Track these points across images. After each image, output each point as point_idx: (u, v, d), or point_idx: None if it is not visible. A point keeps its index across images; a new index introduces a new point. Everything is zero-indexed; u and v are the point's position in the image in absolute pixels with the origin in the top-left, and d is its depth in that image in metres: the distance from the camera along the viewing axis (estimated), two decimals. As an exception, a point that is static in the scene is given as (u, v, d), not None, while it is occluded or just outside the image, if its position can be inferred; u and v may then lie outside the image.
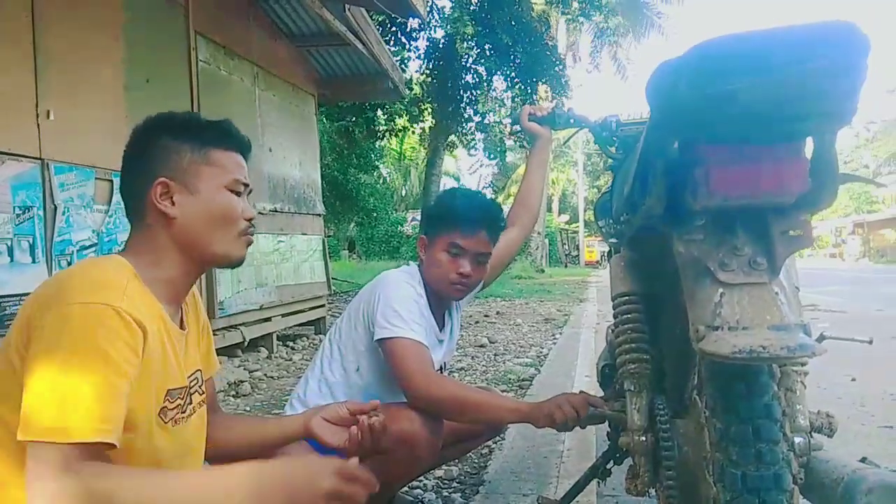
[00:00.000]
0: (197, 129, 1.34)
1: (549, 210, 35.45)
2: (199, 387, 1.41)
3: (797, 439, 1.20)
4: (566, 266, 31.15)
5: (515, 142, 14.07)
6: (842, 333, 1.47)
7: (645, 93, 1.04)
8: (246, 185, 1.38)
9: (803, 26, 0.92)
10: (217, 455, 1.47)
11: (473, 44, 11.87)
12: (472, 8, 12.13)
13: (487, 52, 12.58)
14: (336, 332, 2.09)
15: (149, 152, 1.31)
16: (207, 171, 1.31)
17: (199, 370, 1.41)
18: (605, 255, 29.12)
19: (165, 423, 1.24)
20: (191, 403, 1.35)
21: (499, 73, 12.94)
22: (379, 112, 13.53)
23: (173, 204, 1.27)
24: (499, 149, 14.13)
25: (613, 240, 1.78)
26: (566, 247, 34.97)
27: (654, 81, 1.01)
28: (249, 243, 1.38)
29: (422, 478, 2.47)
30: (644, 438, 1.43)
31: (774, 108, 0.96)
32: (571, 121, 2.22)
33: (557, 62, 13.25)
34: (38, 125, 3.36)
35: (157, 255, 1.28)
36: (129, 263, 1.23)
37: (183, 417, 1.31)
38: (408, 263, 2.21)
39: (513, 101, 13.20)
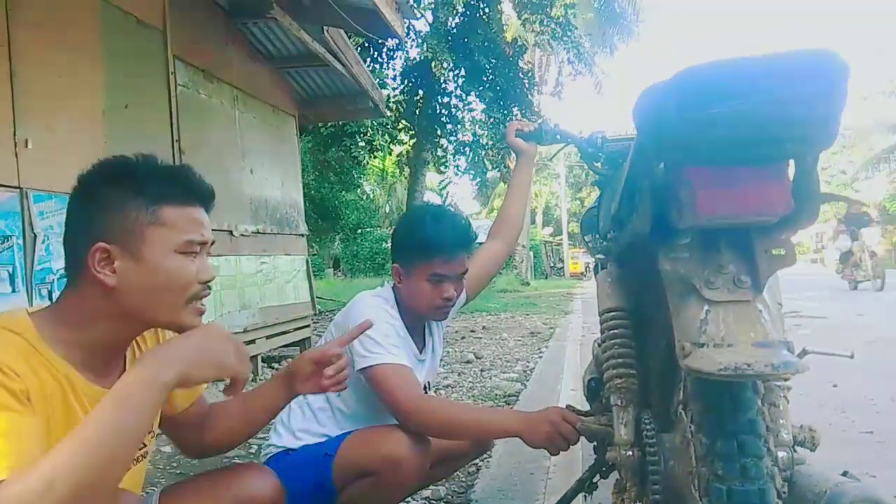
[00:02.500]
0: (146, 182, 1.18)
1: (533, 223, 35.63)
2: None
3: (781, 453, 1.21)
4: (547, 277, 31.22)
5: (490, 163, 14.10)
6: (824, 341, 1.49)
7: (632, 115, 1.06)
8: (204, 244, 1.23)
9: (787, 53, 0.96)
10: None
11: (451, 65, 11.94)
12: (448, 28, 12.20)
13: (464, 74, 12.67)
14: None
15: (91, 208, 1.18)
16: (155, 232, 1.17)
17: None
18: (589, 267, 29.18)
19: None
20: None
21: (474, 94, 12.99)
22: (358, 138, 13.60)
23: (114, 272, 1.15)
24: (480, 169, 14.13)
25: (600, 255, 1.80)
26: (550, 259, 35.09)
27: (640, 104, 1.04)
28: (201, 312, 1.24)
29: (408, 499, 2.46)
30: (631, 453, 1.44)
31: (757, 132, 0.99)
32: (558, 136, 2.25)
33: (529, 89, 13.37)
34: (17, 154, 3.33)
35: (86, 319, 1.17)
36: (35, 324, 1.13)
37: None
38: (382, 283, 2.22)
39: (490, 119, 13.22)
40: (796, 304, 9.46)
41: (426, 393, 2.12)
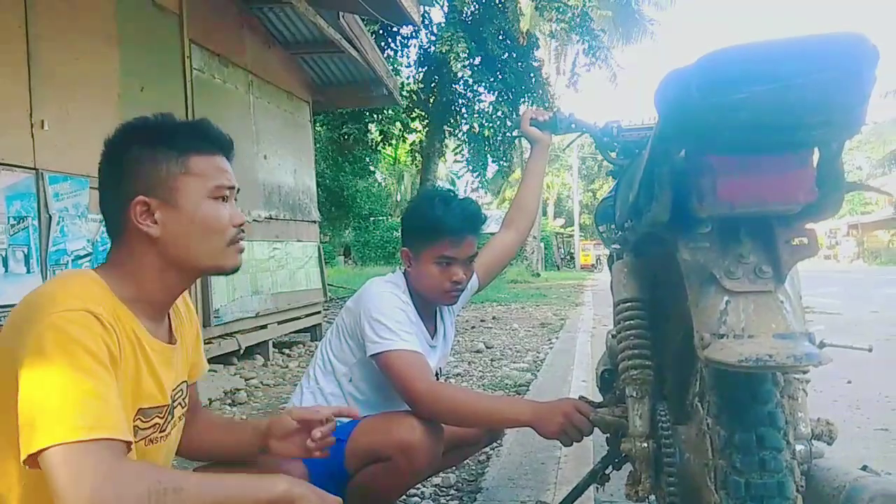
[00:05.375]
0: (171, 135, 1.25)
1: (545, 214, 35.54)
2: (183, 399, 1.37)
3: (798, 447, 1.20)
4: (558, 269, 31.18)
5: (492, 157, 13.94)
6: (839, 338, 1.47)
7: (653, 100, 1.04)
8: (232, 188, 1.30)
9: (814, 37, 0.93)
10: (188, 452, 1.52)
11: (466, 54, 11.87)
12: (464, 17, 12.13)
13: (477, 64, 12.59)
14: (327, 344, 2.09)
15: (123, 167, 1.24)
16: (187, 181, 1.23)
17: (184, 381, 1.38)
18: (600, 259, 29.11)
19: (136, 442, 1.19)
20: (172, 418, 1.32)
21: (485, 84, 12.91)
22: (372, 126, 13.58)
23: (155, 222, 1.22)
24: (481, 162, 13.98)
25: (616, 245, 1.78)
26: (561, 250, 35.04)
27: (662, 89, 1.01)
28: (241, 250, 1.33)
29: (419, 485, 2.46)
30: (646, 444, 1.42)
31: (783, 118, 0.96)
32: (573, 125, 2.22)
33: (541, 84, 13.27)
34: (33, 135, 3.35)
35: (139, 272, 1.23)
36: (103, 280, 1.19)
37: (161, 437, 1.28)
38: (393, 271, 2.21)
39: (497, 112, 13.10)
40: (810, 300, 9.38)
41: (438, 379, 2.11)
